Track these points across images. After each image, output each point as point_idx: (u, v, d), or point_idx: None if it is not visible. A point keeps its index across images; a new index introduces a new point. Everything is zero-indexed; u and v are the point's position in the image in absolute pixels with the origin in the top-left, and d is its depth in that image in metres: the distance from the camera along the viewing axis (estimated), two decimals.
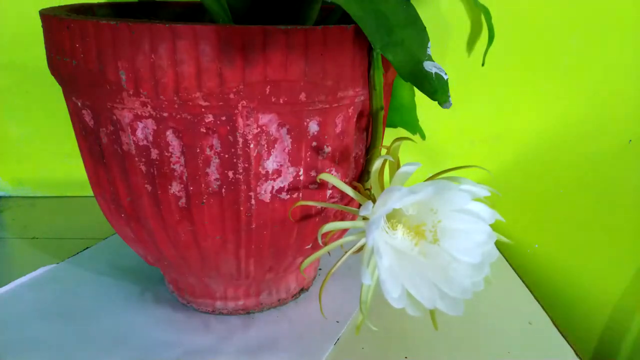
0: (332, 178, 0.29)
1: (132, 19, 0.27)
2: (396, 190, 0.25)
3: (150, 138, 0.28)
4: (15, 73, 0.56)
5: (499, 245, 0.28)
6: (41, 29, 0.30)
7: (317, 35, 0.26)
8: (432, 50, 0.27)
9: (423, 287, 0.26)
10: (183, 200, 0.29)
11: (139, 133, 0.28)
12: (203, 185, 0.29)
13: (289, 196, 0.30)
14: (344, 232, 0.37)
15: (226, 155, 0.28)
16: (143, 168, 0.29)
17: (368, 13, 0.25)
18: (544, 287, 0.58)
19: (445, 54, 0.54)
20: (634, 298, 0.57)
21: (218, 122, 0.27)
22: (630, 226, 0.56)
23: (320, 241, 0.28)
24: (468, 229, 0.27)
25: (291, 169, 0.29)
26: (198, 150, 0.27)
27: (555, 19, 0.52)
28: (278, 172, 0.29)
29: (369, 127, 0.32)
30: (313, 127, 0.29)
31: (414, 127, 0.54)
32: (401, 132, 0.53)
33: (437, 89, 0.26)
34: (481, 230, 0.27)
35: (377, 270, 0.26)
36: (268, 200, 0.30)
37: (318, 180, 0.30)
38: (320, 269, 0.44)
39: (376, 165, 0.28)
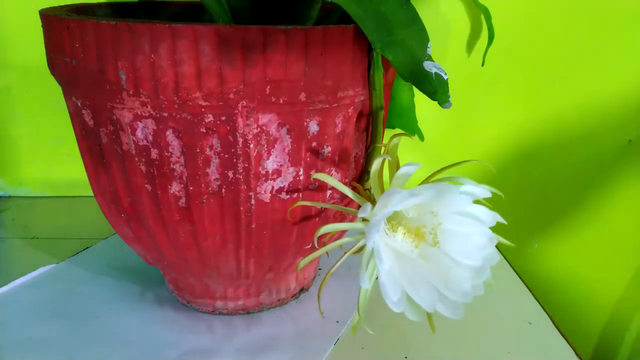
0: (328, 177, 0.29)
1: (132, 19, 0.27)
2: (397, 193, 0.24)
3: (150, 138, 0.28)
4: (15, 73, 0.56)
5: (498, 245, 0.28)
6: (41, 29, 0.30)
7: (317, 35, 0.26)
8: (432, 50, 0.27)
9: (423, 290, 0.26)
10: (183, 200, 0.29)
11: (138, 133, 0.28)
12: (203, 185, 0.29)
13: (288, 196, 0.30)
14: (344, 232, 0.37)
15: (226, 155, 0.28)
16: (143, 168, 0.29)
17: (368, 13, 0.25)
18: (544, 287, 0.58)
19: (445, 54, 0.54)
20: (634, 298, 0.57)
21: (218, 122, 0.27)
22: (630, 226, 0.56)
23: (316, 243, 0.28)
24: (468, 232, 0.27)
25: (291, 169, 0.29)
26: (198, 150, 0.27)
27: (555, 19, 0.52)
28: (278, 172, 0.29)
29: (368, 127, 0.32)
30: (313, 127, 0.29)
31: (412, 128, 0.54)
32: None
33: (437, 89, 0.26)
34: (482, 233, 0.26)
35: (376, 273, 0.26)
36: (268, 201, 0.30)
37: (312, 179, 0.30)
38: (320, 269, 0.44)
39: (375, 165, 0.28)
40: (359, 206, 0.28)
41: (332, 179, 0.29)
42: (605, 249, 0.57)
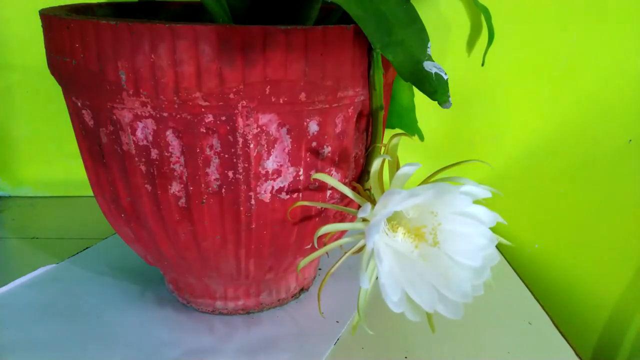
0: (328, 177, 0.29)
1: (132, 19, 0.27)
2: (396, 193, 0.25)
3: (150, 138, 0.28)
4: (15, 73, 0.56)
5: (498, 245, 0.28)
6: (41, 29, 0.30)
7: (317, 35, 0.26)
8: (432, 50, 0.27)
9: (423, 290, 0.26)
10: (183, 200, 0.29)
11: (138, 133, 0.28)
12: (203, 185, 0.29)
13: (288, 196, 0.30)
14: (343, 232, 0.37)
15: (226, 155, 0.28)
16: (143, 168, 0.29)
17: (368, 13, 0.25)
18: (544, 287, 0.58)
19: (445, 54, 0.54)
20: (634, 298, 0.57)
21: (218, 122, 0.27)
22: (630, 226, 0.56)
23: (316, 244, 0.28)
24: (469, 232, 0.26)
25: (291, 169, 0.29)
26: (198, 150, 0.27)
27: (555, 19, 0.52)
28: (278, 172, 0.29)
29: (368, 127, 0.32)
30: (313, 127, 0.29)
31: (412, 128, 0.54)
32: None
33: (437, 89, 0.26)
34: (482, 234, 0.26)
35: (376, 273, 0.26)
36: (268, 201, 0.30)
37: (312, 179, 0.30)
38: (320, 269, 0.44)
39: (375, 165, 0.28)
40: (359, 206, 0.28)
41: (332, 179, 0.29)
42: (605, 249, 0.57)
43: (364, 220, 0.28)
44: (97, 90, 0.27)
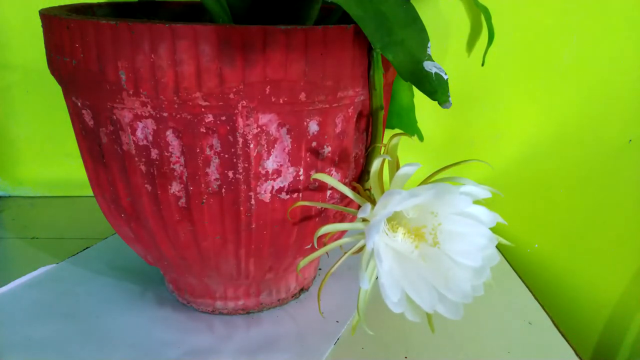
0: (328, 177, 0.29)
1: (132, 19, 0.27)
2: (396, 193, 0.24)
3: (150, 138, 0.28)
4: (15, 73, 0.56)
5: (498, 245, 0.28)
6: (41, 29, 0.30)
7: (317, 35, 0.26)
8: (432, 50, 0.27)
9: (423, 290, 0.26)
10: (183, 200, 0.29)
11: (138, 133, 0.28)
12: (203, 185, 0.29)
13: (288, 196, 0.30)
14: (343, 232, 0.37)
15: (226, 155, 0.28)
16: (143, 168, 0.29)
17: (368, 13, 0.25)
18: (544, 287, 0.58)
19: (445, 54, 0.54)
20: (634, 298, 0.57)
21: (218, 122, 0.27)
22: (630, 226, 0.56)
23: (315, 244, 0.28)
24: (468, 232, 0.26)
25: (291, 169, 0.29)
26: (198, 150, 0.27)
27: (555, 19, 0.52)
28: (278, 172, 0.29)
29: (368, 127, 0.32)
30: (313, 127, 0.29)
31: (412, 128, 0.54)
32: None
33: (437, 89, 0.26)
34: (482, 234, 0.26)
35: (376, 273, 0.26)
36: (268, 200, 0.30)
37: (312, 179, 0.30)
38: (320, 269, 0.44)
39: (375, 165, 0.28)
40: (359, 206, 0.28)
41: (332, 179, 0.29)
42: (605, 249, 0.57)
43: (364, 220, 0.28)
44: (97, 90, 0.27)
